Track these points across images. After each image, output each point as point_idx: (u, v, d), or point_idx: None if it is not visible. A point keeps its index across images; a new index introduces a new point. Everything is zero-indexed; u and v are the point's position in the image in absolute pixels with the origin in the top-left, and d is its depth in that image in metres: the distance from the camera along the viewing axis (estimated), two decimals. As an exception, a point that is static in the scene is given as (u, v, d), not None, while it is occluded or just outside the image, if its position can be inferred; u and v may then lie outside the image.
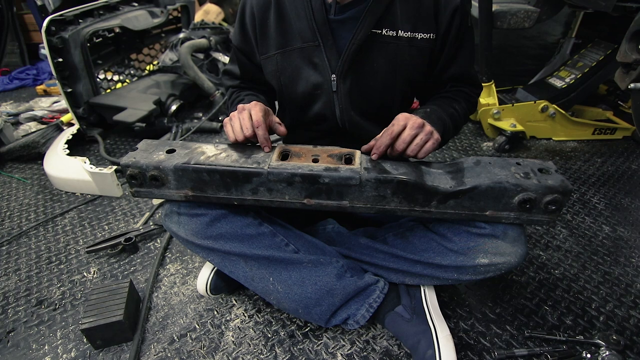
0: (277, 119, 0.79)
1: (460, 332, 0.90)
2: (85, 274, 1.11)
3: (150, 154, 0.75)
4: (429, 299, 0.88)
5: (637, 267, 1.07)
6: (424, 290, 0.89)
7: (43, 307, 1.01)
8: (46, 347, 0.90)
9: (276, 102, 0.99)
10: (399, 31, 0.78)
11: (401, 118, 0.72)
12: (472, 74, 0.88)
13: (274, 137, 1.89)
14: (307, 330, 0.91)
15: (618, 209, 1.32)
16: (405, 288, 0.89)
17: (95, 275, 1.10)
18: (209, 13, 3.23)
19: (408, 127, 0.71)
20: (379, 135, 0.74)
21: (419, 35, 0.79)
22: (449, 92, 0.88)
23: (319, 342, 0.88)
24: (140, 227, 1.24)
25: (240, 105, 0.77)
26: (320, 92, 0.84)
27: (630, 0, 1.33)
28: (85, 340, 0.90)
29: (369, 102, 0.85)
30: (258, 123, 0.72)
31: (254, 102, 0.78)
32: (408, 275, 0.86)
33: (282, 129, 0.78)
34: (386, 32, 0.78)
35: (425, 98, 0.94)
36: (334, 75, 0.81)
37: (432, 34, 0.80)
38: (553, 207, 0.69)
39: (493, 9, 1.59)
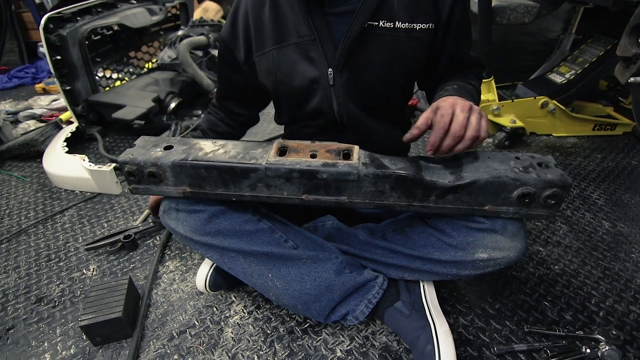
0: None
1: (460, 328, 0.90)
2: (84, 271, 1.11)
3: (147, 150, 0.75)
4: (428, 294, 0.88)
5: (637, 263, 1.07)
6: (424, 285, 0.89)
7: (42, 304, 1.01)
8: (46, 344, 0.90)
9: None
10: (397, 22, 0.77)
11: (446, 105, 0.67)
12: (472, 56, 0.87)
13: (272, 133, 1.93)
14: (306, 326, 0.91)
15: (618, 204, 1.32)
16: (405, 284, 0.89)
17: (94, 273, 1.10)
18: (208, 10, 3.23)
19: (458, 110, 0.66)
20: (433, 132, 0.67)
21: (417, 26, 0.78)
22: (457, 73, 0.87)
23: (319, 338, 0.88)
24: (140, 225, 1.24)
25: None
26: (317, 87, 0.83)
27: (630, -5, 1.32)
28: (84, 337, 0.90)
29: (367, 95, 0.84)
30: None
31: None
32: (407, 271, 0.86)
33: None
34: (383, 23, 0.77)
35: (430, 87, 0.92)
36: (330, 69, 0.79)
37: (431, 24, 0.78)
38: (552, 202, 0.69)
39: (492, 4, 1.58)
